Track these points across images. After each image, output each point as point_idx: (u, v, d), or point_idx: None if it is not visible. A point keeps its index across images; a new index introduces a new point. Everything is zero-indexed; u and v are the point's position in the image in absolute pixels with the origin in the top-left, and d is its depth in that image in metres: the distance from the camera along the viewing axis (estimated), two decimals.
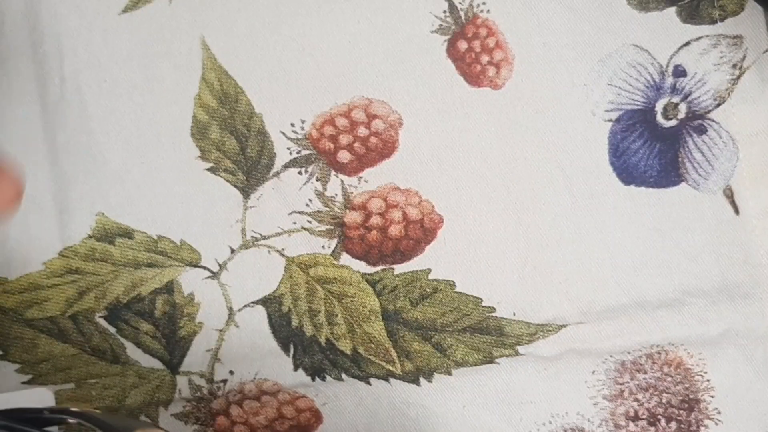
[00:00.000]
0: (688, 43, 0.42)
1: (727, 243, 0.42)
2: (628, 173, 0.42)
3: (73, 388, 0.43)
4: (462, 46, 0.42)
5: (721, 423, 0.42)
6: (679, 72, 0.42)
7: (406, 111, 0.43)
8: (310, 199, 0.43)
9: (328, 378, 0.43)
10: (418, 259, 0.43)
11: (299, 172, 0.43)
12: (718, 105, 0.42)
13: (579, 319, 0.42)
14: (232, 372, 0.43)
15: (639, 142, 0.42)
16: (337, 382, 0.43)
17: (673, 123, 0.42)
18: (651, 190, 0.42)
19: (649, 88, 0.42)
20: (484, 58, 0.42)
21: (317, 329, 0.43)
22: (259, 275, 0.43)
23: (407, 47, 0.42)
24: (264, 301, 0.43)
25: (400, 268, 0.43)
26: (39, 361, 0.43)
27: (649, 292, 0.42)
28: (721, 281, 0.42)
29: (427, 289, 0.43)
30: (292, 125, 0.43)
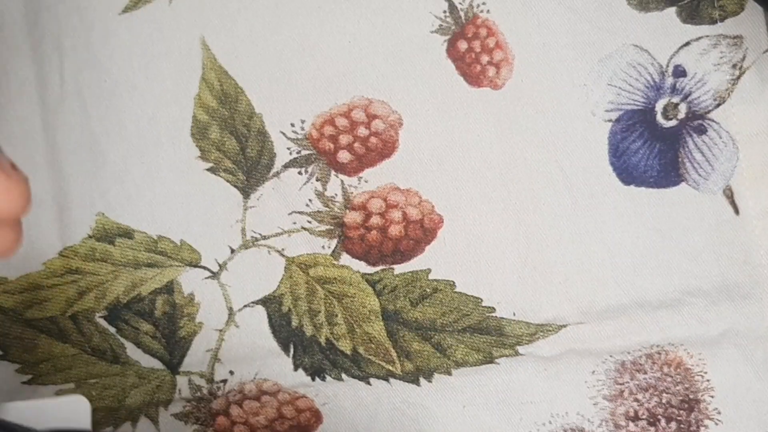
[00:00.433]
0: (688, 43, 0.42)
1: (727, 243, 0.42)
2: (628, 173, 0.42)
3: (73, 388, 0.43)
4: (462, 46, 0.42)
5: (721, 423, 0.42)
6: (679, 72, 0.42)
7: (406, 111, 0.43)
8: (310, 199, 0.43)
9: (328, 378, 0.43)
10: (418, 259, 0.43)
11: (299, 172, 0.43)
12: (718, 105, 0.42)
13: (579, 319, 0.42)
14: (232, 372, 0.43)
15: (639, 142, 0.42)
16: (337, 382, 0.43)
17: (673, 123, 0.42)
18: (651, 190, 0.42)
19: (649, 88, 0.42)
20: (484, 58, 0.42)
21: (317, 329, 0.43)
22: (259, 275, 0.43)
23: (407, 47, 0.42)
24: (264, 301, 0.43)
25: (400, 268, 0.43)
26: (39, 361, 0.43)
27: (649, 292, 0.42)
28: (721, 281, 0.42)
29: (427, 289, 0.43)
30: (292, 125, 0.43)
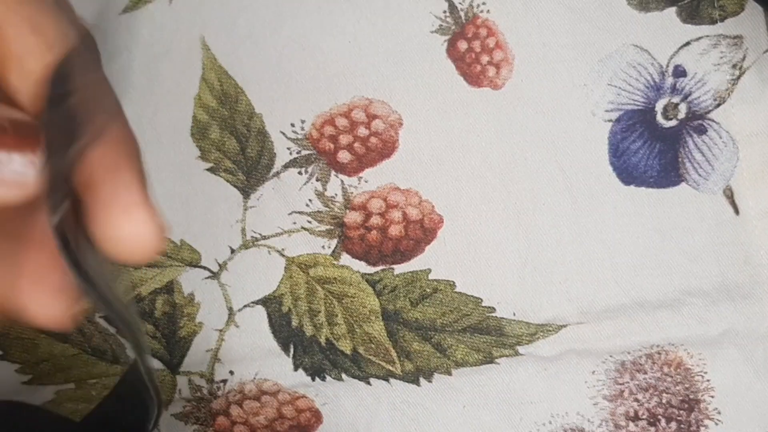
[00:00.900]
0: (688, 43, 0.42)
1: (727, 243, 0.42)
2: (628, 173, 0.42)
3: (73, 388, 0.43)
4: (462, 46, 0.42)
5: (721, 423, 0.42)
6: (679, 72, 0.42)
7: (406, 111, 0.43)
8: (310, 199, 0.43)
9: (328, 378, 0.43)
10: (418, 259, 0.43)
11: (299, 172, 0.43)
12: (718, 105, 0.42)
13: (579, 319, 0.42)
14: (232, 372, 0.43)
15: (639, 142, 0.42)
16: (337, 382, 0.43)
17: (673, 123, 0.42)
18: (651, 190, 0.42)
19: (649, 88, 0.42)
20: (484, 58, 0.42)
21: (317, 329, 0.43)
22: (259, 275, 0.43)
23: (407, 47, 0.42)
24: (264, 301, 0.43)
25: (400, 268, 0.43)
26: (39, 361, 0.43)
27: (649, 292, 0.42)
28: (721, 281, 0.42)
29: (427, 289, 0.43)
30: (292, 125, 0.43)
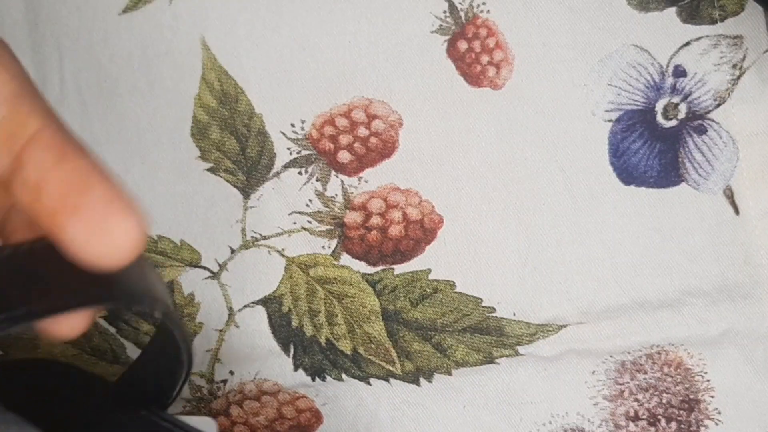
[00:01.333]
0: (688, 43, 0.42)
1: (727, 243, 0.42)
2: (628, 173, 0.42)
3: None
4: (462, 46, 0.42)
5: (721, 423, 0.42)
6: (679, 72, 0.42)
7: (406, 111, 0.43)
8: (310, 200, 0.43)
9: (328, 378, 0.43)
10: (418, 259, 0.43)
11: (299, 173, 0.43)
12: (718, 105, 0.42)
13: (579, 319, 0.42)
14: (232, 372, 0.43)
15: (639, 143, 0.42)
16: (338, 383, 0.43)
17: (673, 123, 0.42)
18: (651, 190, 0.42)
19: (649, 88, 0.42)
20: (484, 58, 0.42)
21: (317, 329, 0.43)
22: (259, 275, 0.43)
23: (407, 47, 0.42)
24: (264, 302, 0.43)
25: (400, 269, 0.43)
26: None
27: (649, 292, 0.42)
28: (721, 281, 0.42)
29: (427, 290, 0.43)
30: (292, 125, 0.43)
